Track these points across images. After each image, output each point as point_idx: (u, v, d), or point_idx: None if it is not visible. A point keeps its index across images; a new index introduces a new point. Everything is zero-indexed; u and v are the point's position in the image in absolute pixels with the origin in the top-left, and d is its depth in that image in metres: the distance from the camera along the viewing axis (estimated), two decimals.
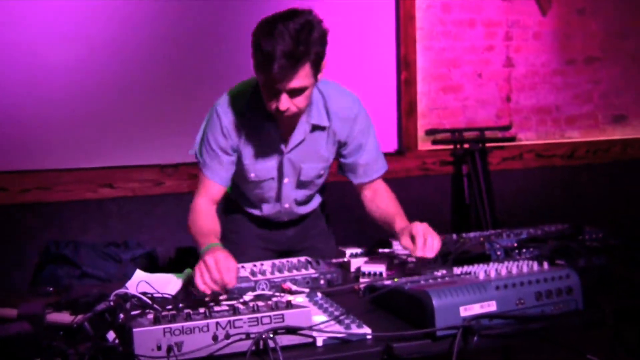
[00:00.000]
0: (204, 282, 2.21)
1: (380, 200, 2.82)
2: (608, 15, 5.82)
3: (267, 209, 2.91)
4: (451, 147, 5.30)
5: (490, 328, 2.00)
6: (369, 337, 1.94)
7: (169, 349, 1.74)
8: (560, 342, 2.19)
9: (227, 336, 1.79)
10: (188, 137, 4.46)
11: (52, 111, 4.24)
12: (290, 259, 2.64)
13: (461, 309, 1.98)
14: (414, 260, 2.76)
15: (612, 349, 2.20)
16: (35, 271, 4.11)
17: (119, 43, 4.36)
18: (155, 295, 2.30)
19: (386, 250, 2.93)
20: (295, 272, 2.47)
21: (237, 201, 2.99)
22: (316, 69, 2.43)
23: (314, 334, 1.89)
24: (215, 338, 1.79)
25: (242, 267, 2.53)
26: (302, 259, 2.65)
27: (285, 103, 2.41)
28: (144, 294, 2.25)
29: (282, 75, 2.34)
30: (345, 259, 2.77)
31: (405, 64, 5.10)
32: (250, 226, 3.01)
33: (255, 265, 2.53)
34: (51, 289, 2.47)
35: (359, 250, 2.82)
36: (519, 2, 5.52)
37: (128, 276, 2.60)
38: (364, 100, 2.80)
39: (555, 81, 5.71)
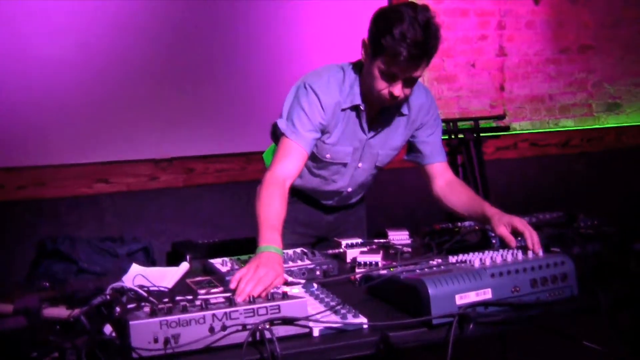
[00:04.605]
0: (241, 291, 2.04)
1: (460, 190, 2.89)
2: (601, 3, 5.83)
3: (326, 190, 2.96)
4: (446, 137, 5.30)
5: (486, 315, 2.01)
6: (365, 326, 1.94)
7: (166, 341, 1.74)
8: (555, 329, 2.20)
9: (224, 328, 1.79)
10: (182, 132, 4.51)
11: (47, 108, 4.23)
12: (286, 251, 2.64)
13: (457, 297, 1.99)
14: (409, 250, 2.79)
15: (606, 334, 2.21)
16: (31, 267, 4.10)
17: (113, 39, 4.35)
18: (151, 288, 2.30)
19: (382, 240, 2.94)
20: (291, 263, 2.47)
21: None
22: (429, 63, 2.54)
23: (310, 324, 1.89)
24: (211, 330, 1.79)
25: (239, 259, 2.53)
26: (298, 250, 2.65)
27: (400, 89, 2.52)
28: (141, 287, 2.25)
29: (409, 64, 2.44)
30: (341, 250, 2.77)
31: None
32: (293, 210, 2.99)
33: (251, 257, 2.53)
34: (47, 284, 2.47)
35: (355, 241, 2.83)
36: None
37: (125, 271, 2.60)
38: None
39: (549, 70, 5.72)
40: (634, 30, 5.99)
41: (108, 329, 1.90)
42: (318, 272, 2.46)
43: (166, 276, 2.51)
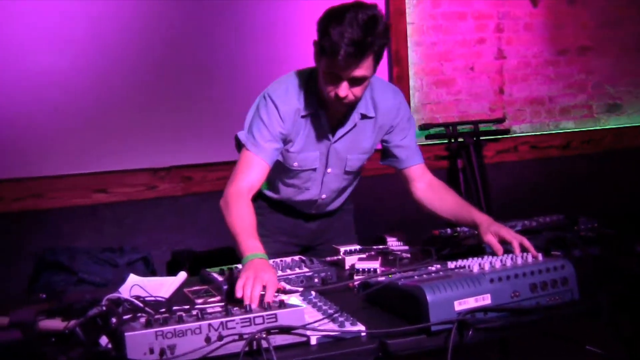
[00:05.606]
0: (250, 297, 2.04)
1: (444, 194, 2.86)
2: (598, 4, 5.81)
3: (302, 199, 2.94)
4: (445, 141, 5.28)
5: (486, 321, 1.99)
6: (363, 334, 1.93)
7: (162, 352, 1.73)
8: (556, 333, 2.19)
9: (220, 337, 1.78)
10: (180, 140, 4.50)
11: (43, 118, 4.21)
12: (284, 259, 2.63)
13: (455, 303, 1.97)
14: (408, 255, 2.77)
15: (608, 338, 2.19)
16: (30, 279, 4.09)
17: (110, 48, 4.33)
18: (147, 298, 2.29)
19: (380, 246, 2.92)
20: (289, 271, 2.46)
21: (262, 190, 2.99)
22: (377, 61, 2.52)
23: (308, 332, 1.88)
24: (208, 340, 1.78)
25: (236, 267, 2.52)
26: (296, 257, 2.64)
27: (344, 90, 2.49)
28: (137, 297, 2.23)
29: (348, 63, 2.41)
30: (340, 257, 2.75)
31: (396, 60, 5.09)
32: (274, 218, 3.02)
33: None
34: (44, 295, 2.45)
35: (353, 248, 2.81)
36: None
37: (124, 281, 2.59)
38: None
39: (548, 72, 5.70)
40: (632, 31, 5.96)
41: (104, 340, 1.89)
42: (316, 280, 2.45)
43: (163, 286, 2.50)
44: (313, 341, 1.88)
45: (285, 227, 3.03)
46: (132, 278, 2.59)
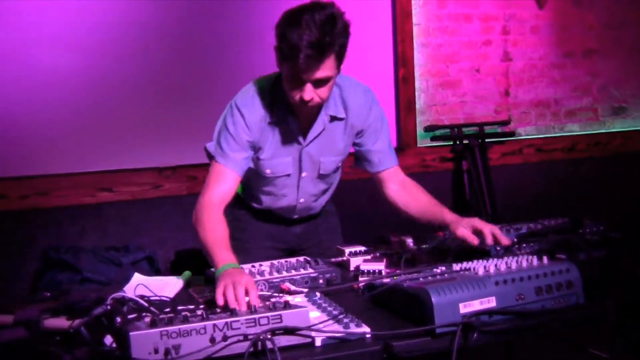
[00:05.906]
0: (234, 301, 2.06)
1: (416, 194, 2.84)
2: (605, 6, 5.80)
3: (280, 206, 2.92)
4: (450, 143, 5.28)
5: (490, 324, 1.99)
6: (368, 335, 1.93)
7: (167, 352, 1.73)
8: (561, 337, 2.18)
9: (225, 338, 1.78)
10: (185, 140, 4.50)
11: (48, 116, 4.22)
12: (289, 259, 2.63)
13: (460, 305, 1.97)
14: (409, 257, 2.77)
15: (613, 342, 2.19)
16: (35, 277, 4.09)
17: (116, 47, 4.34)
18: (152, 298, 2.29)
19: (385, 247, 2.92)
20: (294, 272, 2.46)
21: (246, 200, 2.98)
22: (339, 60, 2.47)
23: (313, 333, 1.88)
24: (212, 340, 1.78)
25: (241, 267, 2.52)
26: (301, 258, 2.64)
27: (309, 93, 2.45)
28: (142, 297, 2.24)
29: (308, 65, 2.37)
30: (345, 258, 2.75)
31: (402, 61, 5.08)
32: (257, 225, 3.01)
33: (253, 266, 2.51)
34: (48, 294, 2.46)
35: (358, 249, 2.81)
36: None
37: (128, 280, 2.60)
38: None
39: (554, 74, 5.69)
40: (638, 33, 5.96)
41: (109, 339, 1.89)
42: (321, 281, 2.45)
43: (168, 285, 2.51)
44: (318, 342, 1.88)
45: (271, 233, 3.02)
46: (137, 277, 2.60)
